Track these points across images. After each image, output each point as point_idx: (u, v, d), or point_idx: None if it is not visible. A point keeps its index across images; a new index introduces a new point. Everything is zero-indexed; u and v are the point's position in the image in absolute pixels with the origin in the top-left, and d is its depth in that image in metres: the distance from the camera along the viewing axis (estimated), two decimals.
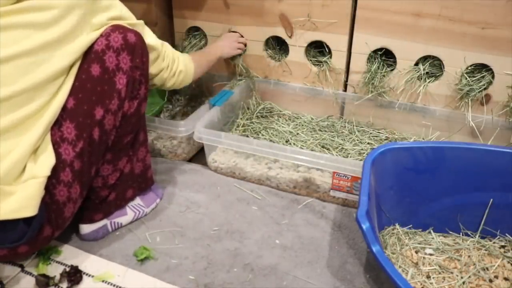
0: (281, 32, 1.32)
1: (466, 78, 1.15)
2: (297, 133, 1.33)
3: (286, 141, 1.30)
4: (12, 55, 0.73)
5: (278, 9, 1.28)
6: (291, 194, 1.16)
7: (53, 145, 0.81)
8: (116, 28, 0.85)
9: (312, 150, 1.24)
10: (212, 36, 1.43)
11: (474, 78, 1.16)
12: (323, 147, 1.27)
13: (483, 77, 1.15)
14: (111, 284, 0.88)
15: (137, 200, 1.05)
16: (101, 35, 0.84)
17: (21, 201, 0.74)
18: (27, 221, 0.76)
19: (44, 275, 0.87)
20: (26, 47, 0.74)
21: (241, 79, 1.43)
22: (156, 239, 1.00)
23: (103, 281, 0.88)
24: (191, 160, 1.33)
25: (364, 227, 0.73)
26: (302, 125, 1.38)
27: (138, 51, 0.88)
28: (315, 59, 1.35)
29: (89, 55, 0.83)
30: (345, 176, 1.06)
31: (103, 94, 0.85)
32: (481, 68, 1.16)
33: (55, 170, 0.81)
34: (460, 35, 1.11)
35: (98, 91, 0.84)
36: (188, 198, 1.13)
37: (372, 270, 0.92)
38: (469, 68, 1.16)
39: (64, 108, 0.82)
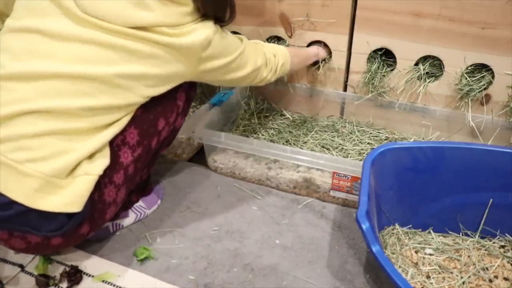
0: (281, 32, 1.32)
1: (466, 78, 1.15)
2: (297, 133, 1.33)
3: (286, 141, 1.30)
4: (112, 74, 0.75)
5: (278, 9, 1.28)
6: (291, 194, 1.16)
7: (114, 146, 0.82)
8: None
9: (312, 150, 1.24)
10: None
11: (474, 78, 1.16)
12: (323, 147, 1.27)
13: (483, 77, 1.15)
14: (111, 284, 0.88)
15: (139, 202, 1.05)
16: None
17: (70, 196, 0.75)
18: (69, 214, 0.77)
19: (44, 275, 0.88)
20: (125, 71, 0.76)
21: None
22: (156, 239, 1.00)
23: (103, 281, 0.88)
24: (191, 160, 1.33)
25: (364, 227, 0.73)
26: (302, 125, 1.38)
27: None
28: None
29: None
30: (345, 176, 1.06)
31: (167, 106, 0.91)
32: (481, 68, 1.16)
33: (110, 170, 0.82)
34: (460, 35, 1.11)
35: (164, 104, 0.89)
36: (188, 198, 1.13)
37: (372, 270, 0.92)
38: (469, 68, 1.15)
39: None
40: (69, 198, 0.75)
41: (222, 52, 0.87)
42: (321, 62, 1.30)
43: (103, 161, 0.80)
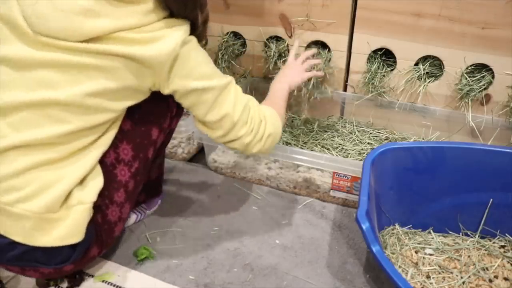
0: (281, 32, 1.32)
1: (466, 78, 1.15)
2: (297, 133, 1.33)
3: (286, 141, 1.30)
4: (72, 95, 0.69)
5: (278, 9, 1.28)
6: (291, 194, 1.16)
7: (109, 166, 0.80)
8: None
9: (312, 150, 1.24)
10: (211, 36, 1.43)
11: (474, 78, 1.16)
12: (323, 147, 1.27)
13: (483, 77, 1.15)
14: (111, 284, 0.88)
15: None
16: None
17: (67, 228, 0.73)
18: (73, 244, 0.75)
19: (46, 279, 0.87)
20: (91, 89, 0.69)
21: (241, 79, 1.43)
22: (156, 239, 1.00)
23: (103, 281, 0.88)
24: (191, 160, 1.33)
25: (364, 227, 0.73)
26: (302, 125, 1.38)
27: None
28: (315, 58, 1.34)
29: None
30: (345, 176, 1.06)
31: (159, 114, 0.86)
32: (481, 68, 1.16)
33: (110, 191, 0.80)
34: (460, 35, 1.11)
35: (155, 112, 0.85)
36: (188, 198, 1.13)
37: (372, 270, 0.92)
38: (469, 68, 1.15)
39: (120, 130, 0.80)
40: (67, 230, 0.73)
41: (195, 70, 0.75)
42: (312, 82, 1.24)
43: (95, 184, 0.76)
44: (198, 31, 0.77)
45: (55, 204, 0.71)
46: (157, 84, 0.75)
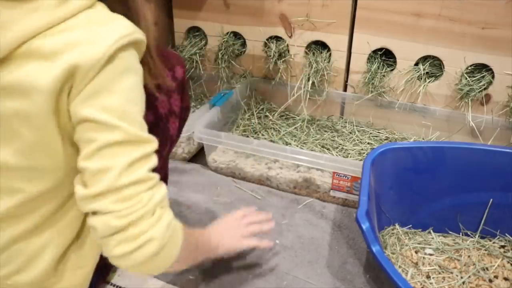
0: (281, 32, 1.32)
1: (466, 78, 1.15)
2: (297, 133, 1.33)
3: (286, 142, 1.30)
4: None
5: (278, 9, 1.28)
6: (291, 194, 1.16)
7: None
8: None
9: (312, 150, 1.24)
10: (211, 36, 1.43)
11: (474, 78, 1.16)
12: (323, 147, 1.27)
13: (483, 77, 1.15)
14: (111, 284, 0.88)
15: None
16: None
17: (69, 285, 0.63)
18: None
19: None
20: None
21: (241, 79, 1.43)
22: None
23: None
24: (191, 160, 1.33)
25: (364, 227, 0.73)
26: (302, 125, 1.38)
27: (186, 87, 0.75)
28: (315, 58, 1.34)
29: None
30: (345, 176, 1.06)
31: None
32: (481, 68, 1.16)
33: None
34: (460, 35, 1.11)
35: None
36: (188, 198, 1.13)
37: (372, 270, 0.92)
38: (469, 68, 1.16)
39: None
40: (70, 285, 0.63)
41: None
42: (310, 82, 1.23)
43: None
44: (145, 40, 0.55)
45: (49, 272, 0.60)
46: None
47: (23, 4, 0.48)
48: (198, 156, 1.33)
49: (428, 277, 0.88)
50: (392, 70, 1.25)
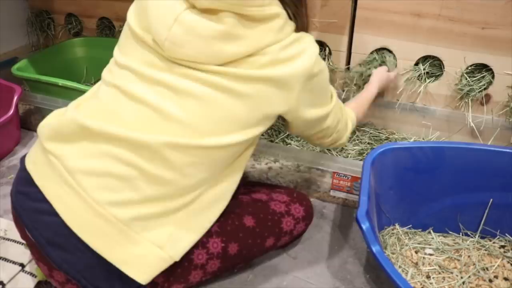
0: None
1: (466, 78, 1.15)
2: None
3: (286, 142, 1.30)
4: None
5: None
6: None
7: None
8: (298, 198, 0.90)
9: (312, 150, 1.24)
10: None
11: (474, 78, 1.16)
12: None
13: (483, 77, 1.15)
14: None
15: None
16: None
17: (136, 257, 0.66)
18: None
19: (46, 282, 0.86)
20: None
21: None
22: None
23: None
24: None
25: (364, 227, 0.73)
26: None
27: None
28: None
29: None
30: (345, 176, 1.06)
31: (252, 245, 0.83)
32: (481, 68, 1.16)
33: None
34: (460, 35, 1.11)
35: (249, 244, 0.82)
36: None
37: (372, 270, 0.92)
38: (469, 68, 1.15)
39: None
40: (135, 259, 0.66)
41: (321, 93, 0.77)
42: None
43: (188, 237, 0.71)
44: None
45: (141, 221, 0.66)
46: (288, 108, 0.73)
47: (261, 25, 0.66)
48: None
49: (428, 277, 0.88)
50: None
